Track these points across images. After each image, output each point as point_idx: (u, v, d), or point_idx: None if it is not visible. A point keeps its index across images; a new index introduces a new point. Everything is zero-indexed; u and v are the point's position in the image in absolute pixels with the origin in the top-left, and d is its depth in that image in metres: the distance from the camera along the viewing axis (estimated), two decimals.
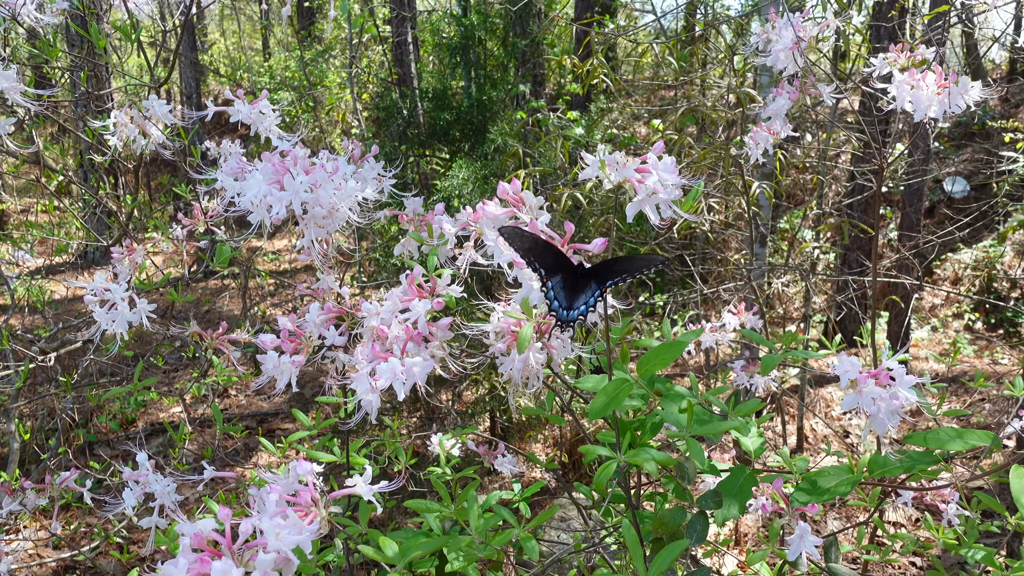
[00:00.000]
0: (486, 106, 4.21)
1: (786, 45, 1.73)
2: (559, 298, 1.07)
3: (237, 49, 17.69)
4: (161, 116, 1.77)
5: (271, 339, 1.24)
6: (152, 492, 1.46)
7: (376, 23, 8.20)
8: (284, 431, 6.22)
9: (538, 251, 1.06)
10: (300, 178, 1.12)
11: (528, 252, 1.05)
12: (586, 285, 1.08)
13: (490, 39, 4.48)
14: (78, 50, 7.62)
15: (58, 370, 2.12)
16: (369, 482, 1.01)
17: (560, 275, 1.08)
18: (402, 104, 4.79)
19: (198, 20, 17.65)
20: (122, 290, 1.44)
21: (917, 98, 1.58)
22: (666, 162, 1.08)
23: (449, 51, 4.47)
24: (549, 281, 1.07)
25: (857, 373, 1.18)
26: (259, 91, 7.82)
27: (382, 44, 7.65)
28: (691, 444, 1.05)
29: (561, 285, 1.08)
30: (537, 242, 1.07)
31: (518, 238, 1.05)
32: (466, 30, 4.18)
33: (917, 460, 1.27)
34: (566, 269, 1.09)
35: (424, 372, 1.08)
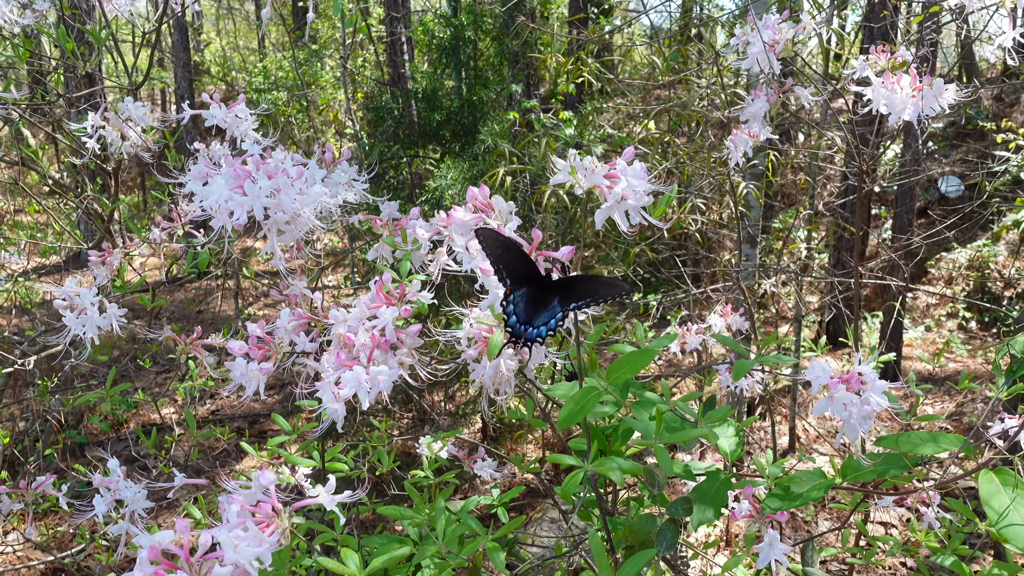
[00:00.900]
0: (476, 106, 4.19)
1: (760, 48, 1.72)
2: (518, 312, 1.05)
3: (233, 49, 17.66)
4: (137, 118, 1.75)
5: (239, 346, 1.23)
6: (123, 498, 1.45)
7: (370, 23, 8.19)
8: (275, 432, 6.21)
9: (509, 259, 1.05)
10: (262, 183, 1.11)
11: (499, 260, 1.04)
12: (549, 301, 1.06)
13: (481, 39, 4.47)
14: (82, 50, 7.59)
15: (36, 373, 2.11)
16: (333, 491, 1.00)
17: (525, 288, 1.06)
18: (394, 104, 4.78)
19: (194, 20, 17.62)
20: (91, 295, 1.43)
21: (892, 101, 1.57)
22: (635, 168, 1.07)
23: (439, 51, 4.46)
24: (513, 293, 1.06)
25: (828, 378, 1.17)
26: (253, 91, 7.80)
27: (372, 43, 7.64)
28: (659, 452, 1.05)
29: (524, 298, 1.06)
30: (509, 248, 1.05)
31: (491, 242, 1.03)
32: (456, 30, 4.17)
33: (890, 464, 1.27)
34: (532, 281, 1.07)
35: (390, 381, 1.07)
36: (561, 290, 1.07)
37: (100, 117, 1.75)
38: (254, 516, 0.99)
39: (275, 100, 10.04)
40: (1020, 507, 1.00)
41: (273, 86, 9.95)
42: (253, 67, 12.14)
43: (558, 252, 1.08)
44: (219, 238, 1.15)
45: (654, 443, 1.05)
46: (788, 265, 4.68)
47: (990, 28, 2.01)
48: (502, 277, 1.05)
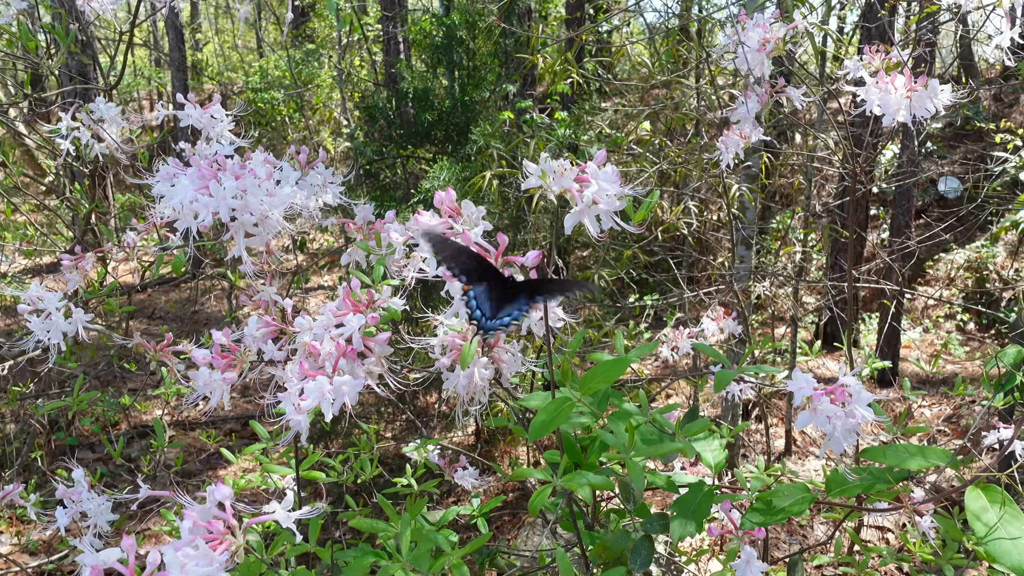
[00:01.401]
0: (468, 106, 4.15)
1: (752, 47, 1.68)
2: (482, 307, 1.03)
3: (231, 48, 17.62)
4: (109, 119, 1.71)
5: (203, 354, 1.19)
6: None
7: (367, 22, 8.15)
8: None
9: (461, 258, 1.02)
10: (227, 183, 1.07)
11: (450, 259, 1.01)
12: (514, 297, 1.03)
13: (475, 39, 4.43)
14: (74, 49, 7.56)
15: (9, 379, 2.07)
16: (290, 508, 0.96)
17: (485, 284, 1.04)
18: (388, 105, 4.74)
19: (191, 20, 17.57)
20: (56, 299, 1.39)
21: (886, 102, 1.53)
22: (607, 171, 1.03)
23: (432, 51, 4.42)
24: (472, 289, 1.03)
25: (811, 390, 1.13)
26: (250, 91, 7.72)
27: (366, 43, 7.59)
28: (632, 467, 1.01)
29: (487, 295, 1.03)
30: (461, 250, 1.03)
31: (440, 245, 1.01)
32: (448, 29, 4.12)
33: (876, 479, 1.23)
34: (493, 279, 1.05)
35: (354, 391, 1.03)
36: (527, 288, 1.05)
37: (71, 118, 1.71)
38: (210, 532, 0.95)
39: (271, 99, 10.00)
40: (1008, 524, 0.96)
41: (269, 85, 9.90)
42: (249, 67, 12.10)
43: (524, 257, 1.04)
44: (186, 241, 1.10)
45: (627, 457, 1.01)
46: (784, 267, 4.63)
47: (989, 28, 1.97)
48: (456, 274, 1.03)
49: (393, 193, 4.97)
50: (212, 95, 1.63)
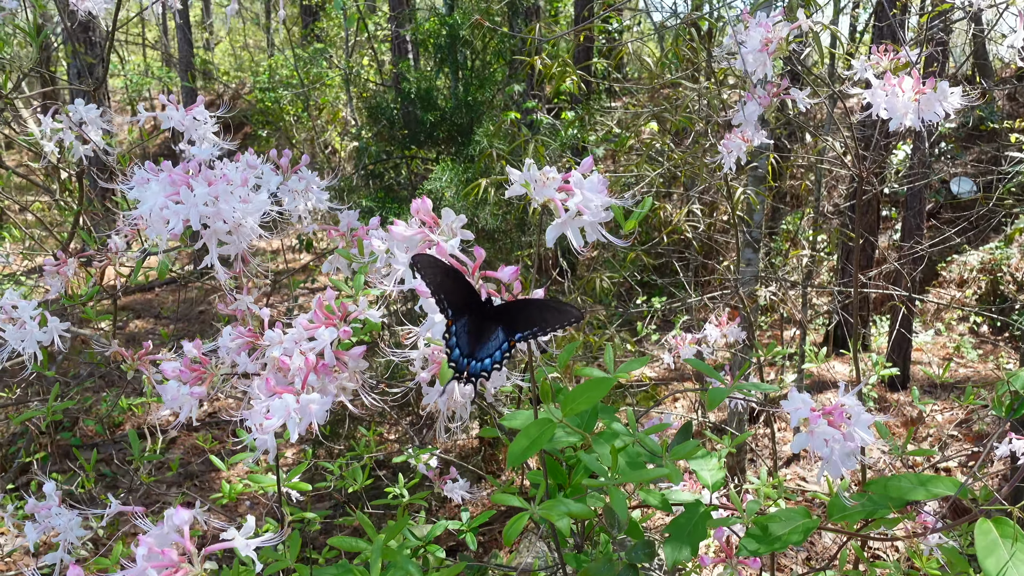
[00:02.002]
0: (472, 107, 4.10)
1: (754, 47, 1.61)
2: (460, 344, 0.96)
3: (242, 48, 17.63)
4: (90, 121, 1.67)
5: (173, 367, 1.14)
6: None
7: (375, 22, 8.09)
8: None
9: (448, 286, 0.95)
10: (199, 190, 1.02)
11: (439, 288, 0.94)
12: (492, 331, 0.96)
13: (482, 38, 4.37)
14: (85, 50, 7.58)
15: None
16: (250, 535, 0.91)
17: (466, 317, 0.97)
18: (393, 105, 4.69)
19: (203, 19, 17.60)
20: (31, 308, 1.34)
21: (892, 105, 1.46)
22: (592, 180, 0.97)
23: (436, 50, 4.37)
24: (455, 323, 0.96)
25: (808, 411, 1.07)
26: (259, 91, 7.68)
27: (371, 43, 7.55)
28: (613, 493, 0.95)
29: (466, 328, 0.96)
30: (449, 275, 0.96)
31: (430, 269, 0.93)
32: (451, 29, 4.07)
33: (879, 505, 1.16)
34: (473, 309, 0.98)
35: (322, 410, 0.97)
36: (504, 318, 0.97)
37: (50, 118, 1.66)
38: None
39: (278, 99, 9.97)
40: (1020, 564, 0.89)
41: (277, 85, 9.87)
42: (257, 66, 12.08)
43: (500, 272, 0.98)
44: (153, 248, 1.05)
45: (609, 483, 0.96)
46: (793, 271, 4.56)
47: (1003, 27, 1.90)
48: (443, 307, 0.96)
49: (397, 194, 4.92)
50: (196, 95, 1.58)
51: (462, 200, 3.55)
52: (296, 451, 5.72)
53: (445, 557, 1.61)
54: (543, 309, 0.95)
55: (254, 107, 10.58)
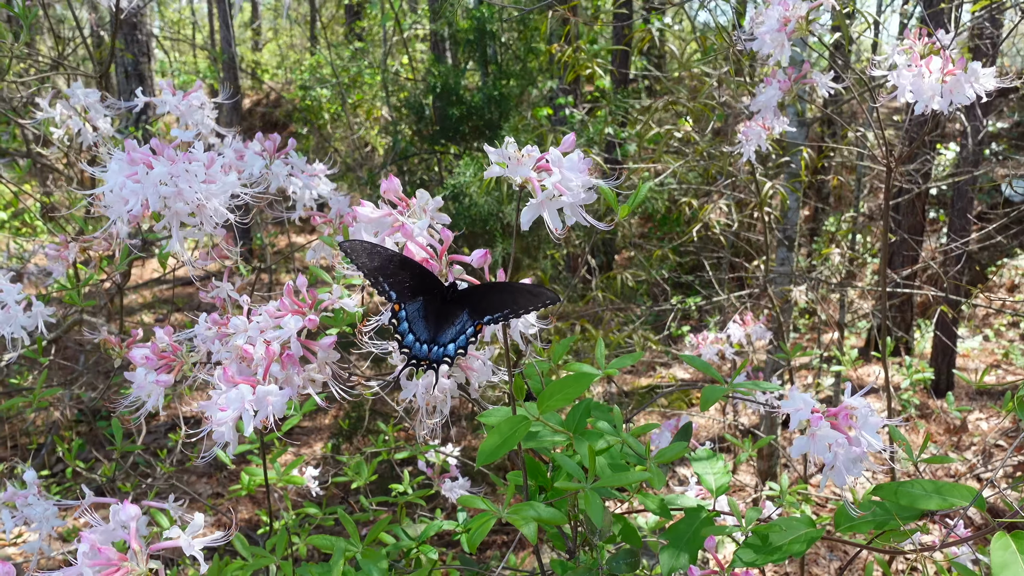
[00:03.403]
0: (498, 101, 4.03)
1: (772, 27, 1.52)
2: (416, 330, 0.89)
3: (289, 47, 17.86)
4: (88, 106, 1.64)
5: (142, 353, 1.10)
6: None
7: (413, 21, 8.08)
8: (302, 428, 6.15)
9: (389, 271, 0.88)
10: (157, 169, 0.97)
11: (375, 272, 0.88)
12: (456, 315, 0.89)
13: (507, 32, 4.30)
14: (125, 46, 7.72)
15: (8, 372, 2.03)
16: (196, 534, 0.86)
17: (421, 299, 0.90)
18: (418, 100, 4.65)
19: (252, 20, 17.87)
20: (15, 292, 1.32)
21: (918, 87, 1.36)
22: (572, 159, 0.90)
23: (464, 45, 4.31)
24: (404, 308, 0.89)
25: (809, 413, 0.98)
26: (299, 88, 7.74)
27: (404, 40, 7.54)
28: (587, 498, 0.87)
29: (421, 312, 0.89)
30: (391, 259, 0.89)
31: (363, 254, 0.87)
32: (478, 22, 4.01)
33: (890, 514, 1.07)
34: (431, 292, 0.91)
35: (281, 403, 0.92)
36: (470, 301, 0.90)
37: (62, 106, 1.64)
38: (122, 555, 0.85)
39: (318, 97, 10.04)
40: None
41: (317, 83, 9.93)
42: (299, 65, 12.20)
43: (470, 256, 0.91)
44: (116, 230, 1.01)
45: (584, 487, 0.88)
46: (832, 271, 4.40)
47: None
48: (383, 290, 0.89)
49: (428, 188, 4.89)
50: (197, 83, 1.54)
51: (484, 195, 3.50)
52: (323, 443, 5.73)
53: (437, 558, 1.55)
54: (515, 291, 0.88)
55: (295, 106, 10.68)
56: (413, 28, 7.96)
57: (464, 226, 3.68)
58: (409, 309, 0.89)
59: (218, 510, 4.83)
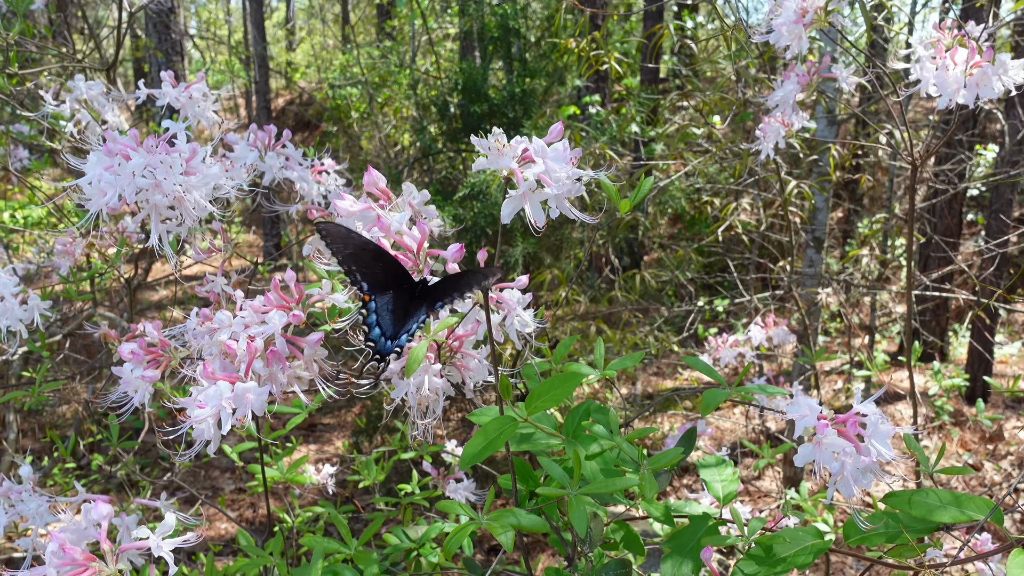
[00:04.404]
0: (521, 99, 3.99)
1: (789, 18, 1.46)
2: (383, 324, 0.87)
3: (322, 48, 18.01)
4: (92, 98, 1.64)
5: (131, 348, 1.08)
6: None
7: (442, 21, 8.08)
8: (325, 426, 6.17)
9: (363, 260, 0.86)
10: (134, 160, 0.95)
11: (349, 259, 0.85)
12: (417, 309, 0.87)
13: (532, 29, 4.26)
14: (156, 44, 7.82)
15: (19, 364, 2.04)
16: (167, 535, 0.83)
17: (391, 294, 0.88)
18: (450, 98, 4.63)
19: (287, 19, 18.05)
20: (11, 284, 1.31)
21: (942, 80, 1.29)
22: (557, 149, 0.86)
23: (488, 41, 4.28)
24: (374, 299, 0.87)
25: (815, 419, 0.93)
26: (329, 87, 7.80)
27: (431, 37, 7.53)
28: (573, 504, 0.83)
29: (389, 307, 0.87)
30: (365, 248, 0.87)
31: (339, 240, 0.85)
32: (501, 19, 3.97)
33: (905, 525, 1.01)
34: (401, 286, 0.88)
35: (261, 400, 0.89)
36: (432, 295, 0.88)
37: (53, 97, 1.64)
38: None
39: (347, 95, 10.08)
40: None
41: (346, 82, 9.98)
42: (329, 64, 12.27)
43: (446, 251, 0.88)
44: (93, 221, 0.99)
45: (570, 493, 0.84)
46: (852, 274, 4.30)
47: None
48: (355, 280, 0.86)
49: (453, 186, 4.87)
50: (198, 75, 1.53)
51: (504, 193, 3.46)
52: (343, 439, 5.73)
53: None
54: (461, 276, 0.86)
55: (324, 105, 10.75)
56: (443, 27, 7.96)
57: (484, 224, 3.65)
58: (379, 302, 0.87)
59: (238, 505, 4.85)
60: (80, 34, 2.17)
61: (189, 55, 12.45)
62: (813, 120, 3.03)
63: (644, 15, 7.95)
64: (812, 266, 3.88)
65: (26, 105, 1.70)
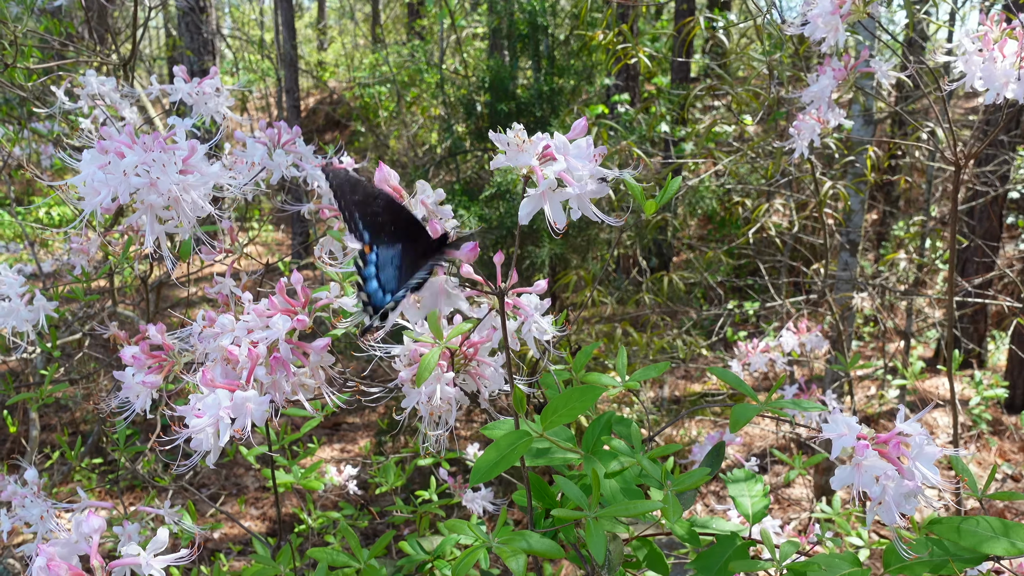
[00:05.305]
0: (549, 97, 3.93)
1: (825, 9, 1.39)
2: (384, 277, 0.81)
3: (353, 47, 18.10)
4: (104, 94, 1.61)
5: (131, 353, 1.04)
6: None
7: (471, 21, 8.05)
8: (350, 425, 6.16)
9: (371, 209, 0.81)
10: (129, 158, 0.91)
11: (353, 206, 0.80)
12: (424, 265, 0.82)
13: (560, 28, 4.20)
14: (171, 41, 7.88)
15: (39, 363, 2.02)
16: (160, 551, 0.78)
17: (400, 248, 0.82)
18: (475, 97, 4.59)
19: (318, 19, 18.16)
20: (18, 284, 1.28)
21: (989, 73, 1.21)
22: (579, 146, 0.80)
23: (517, 39, 4.23)
24: (376, 251, 0.81)
25: (854, 439, 0.86)
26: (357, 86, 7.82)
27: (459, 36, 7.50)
28: (590, 528, 0.77)
29: (396, 262, 0.82)
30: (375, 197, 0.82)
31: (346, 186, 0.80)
32: (530, 16, 3.92)
33: (952, 555, 0.94)
34: (415, 241, 0.83)
35: (261, 410, 0.84)
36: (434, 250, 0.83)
37: (63, 92, 1.61)
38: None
39: (377, 94, 10.10)
40: None
41: (376, 81, 10.00)
42: (359, 63, 12.31)
43: (459, 251, 0.82)
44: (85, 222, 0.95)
45: (587, 515, 0.78)
46: (888, 278, 4.18)
47: None
48: (355, 227, 0.81)
49: (475, 186, 4.82)
50: (211, 70, 1.49)
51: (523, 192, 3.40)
52: (368, 438, 5.71)
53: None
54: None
55: (350, 105, 10.78)
56: (472, 25, 7.92)
57: (510, 225, 3.60)
58: (383, 255, 0.81)
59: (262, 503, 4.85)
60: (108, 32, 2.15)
61: (221, 54, 12.56)
62: (849, 119, 2.94)
63: (675, 13, 7.85)
64: (846, 269, 3.78)
65: (46, 102, 1.67)
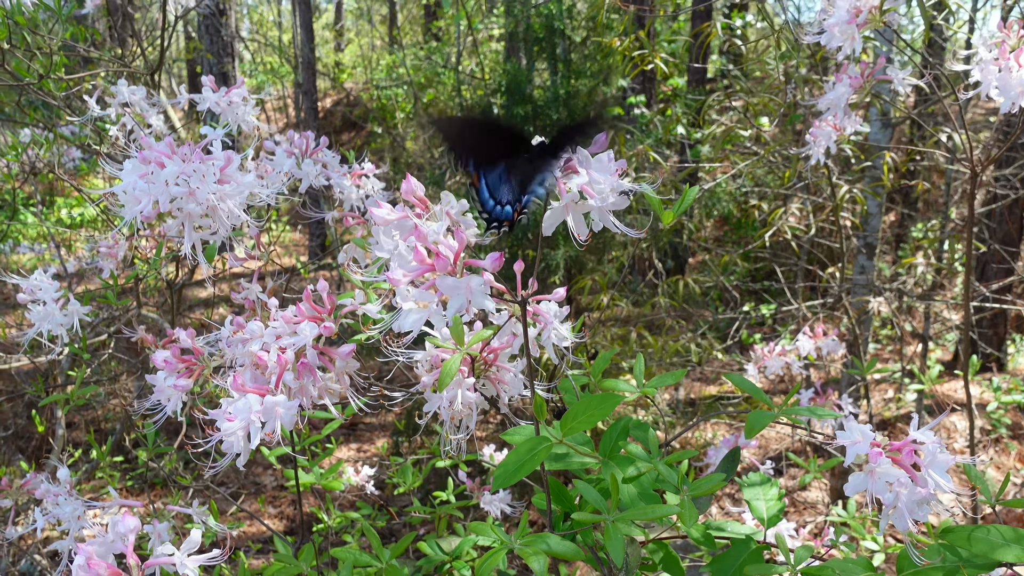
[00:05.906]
0: (565, 100, 3.95)
1: (841, 18, 1.40)
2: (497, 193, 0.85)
3: (371, 49, 18.18)
4: (134, 103, 1.65)
5: (163, 356, 1.07)
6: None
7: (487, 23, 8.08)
8: (368, 425, 6.20)
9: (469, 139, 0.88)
10: (169, 168, 0.94)
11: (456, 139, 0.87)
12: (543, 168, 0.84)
13: (576, 30, 4.22)
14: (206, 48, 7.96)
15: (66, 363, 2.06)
16: (194, 550, 0.82)
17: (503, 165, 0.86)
18: (492, 99, 4.61)
19: (336, 20, 18.26)
20: (53, 288, 1.32)
21: (1005, 83, 1.23)
22: (601, 159, 0.82)
23: (533, 42, 4.25)
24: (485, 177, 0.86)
25: (868, 446, 0.87)
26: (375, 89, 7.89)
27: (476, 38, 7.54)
28: (609, 532, 0.80)
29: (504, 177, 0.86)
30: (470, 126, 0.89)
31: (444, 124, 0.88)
32: (546, 19, 3.94)
33: (965, 562, 0.95)
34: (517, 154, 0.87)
35: (290, 414, 0.87)
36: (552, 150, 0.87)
37: (95, 101, 1.65)
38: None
39: (393, 95, 10.15)
40: None
41: (393, 83, 10.06)
42: (376, 64, 12.37)
43: (484, 260, 0.85)
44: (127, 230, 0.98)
45: (606, 519, 0.80)
46: (906, 281, 4.16)
47: None
48: (464, 162, 0.87)
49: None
50: (238, 80, 1.53)
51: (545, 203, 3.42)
52: (384, 439, 5.75)
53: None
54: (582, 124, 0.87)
55: (367, 106, 10.85)
56: (488, 28, 7.95)
57: (531, 228, 3.62)
58: (490, 178, 0.87)
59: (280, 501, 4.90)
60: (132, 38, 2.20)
61: (240, 56, 12.68)
62: (866, 123, 2.94)
63: (692, 14, 7.83)
64: (863, 273, 3.77)
65: (74, 109, 1.71)
